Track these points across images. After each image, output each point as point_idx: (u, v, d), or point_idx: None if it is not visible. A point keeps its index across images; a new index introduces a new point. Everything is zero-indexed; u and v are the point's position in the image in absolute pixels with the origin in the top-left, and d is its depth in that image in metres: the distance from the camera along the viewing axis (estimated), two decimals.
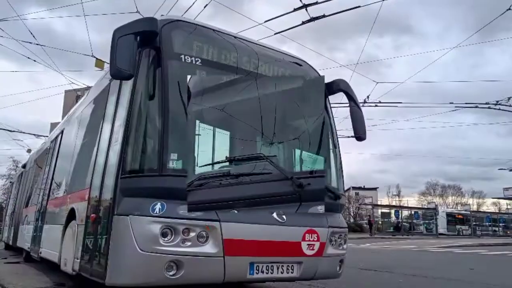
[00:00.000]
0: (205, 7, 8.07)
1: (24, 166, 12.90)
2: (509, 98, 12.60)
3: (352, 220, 52.99)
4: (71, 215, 4.73)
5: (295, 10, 7.48)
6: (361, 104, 5.21)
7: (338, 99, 5.03)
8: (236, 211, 3.48)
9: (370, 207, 45.28)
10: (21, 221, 9.79)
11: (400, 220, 39.23)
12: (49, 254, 5.79)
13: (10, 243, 11.84)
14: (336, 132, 4.65)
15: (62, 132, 7.42)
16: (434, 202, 65.87)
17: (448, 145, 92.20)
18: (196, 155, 3.58)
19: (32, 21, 23.93)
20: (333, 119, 4.70)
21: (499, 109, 13.02)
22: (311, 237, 3.86)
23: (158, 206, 3.26)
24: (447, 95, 58.62)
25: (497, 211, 62.66)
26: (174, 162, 3.33)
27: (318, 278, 4.16)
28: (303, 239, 3.81)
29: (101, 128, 4.44)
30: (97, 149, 4.36)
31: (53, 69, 13.47)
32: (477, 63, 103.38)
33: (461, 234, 42.29)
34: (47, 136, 14.79)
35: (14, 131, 19.51)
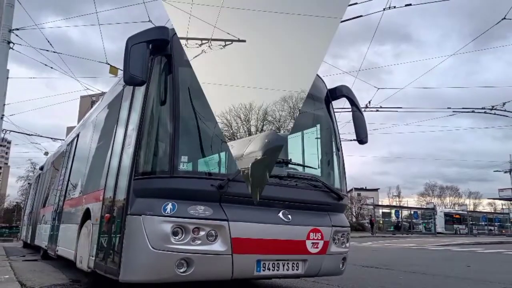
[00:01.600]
0: None
1: (41, 168, 12.94)
2: (504, 103, 12.78)
3: (354, 219, 53.29)
4: (87, 215, 4.82)
5: None
6: (363, 109, 5.36)
7: (341, 104, 5.18)
8: (243, 211, 3.59)
9: (371, 207, 45.29)
10: (39, 221, 9.91)
11: (400, 220, 39.23)
12: (65, 252, 5.90)
13: (28, 241, 12.00)
14: (339, 136, 4.77)
15: (77, 135, 7.50)
16: (433, 202, 66.66)
17: (446, 148, 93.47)
18: (205, 157, 3.70)
19: (49, 30, 24.39)
20: (336, 123, 4.82)
21: (495, 113, 13.21)
22: (315, 236, 3.98)
23: (170, 206, 3.37)
24: (445, 100, 58.87)
25: (492, 211, 62.94)
26: (184, 164, 3.44)
27: (322, 275, 4.26)
28: (308, 238, 3.93)
29: (115, 132, 4.54)
30: (111, 152, 4.47)
31: (69, 75, 13.53)
32: (474, 70, 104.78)
33: (459, 233, 42.42)
34: (63, 140, 14.88)
35: (32, 134, 19.55)
